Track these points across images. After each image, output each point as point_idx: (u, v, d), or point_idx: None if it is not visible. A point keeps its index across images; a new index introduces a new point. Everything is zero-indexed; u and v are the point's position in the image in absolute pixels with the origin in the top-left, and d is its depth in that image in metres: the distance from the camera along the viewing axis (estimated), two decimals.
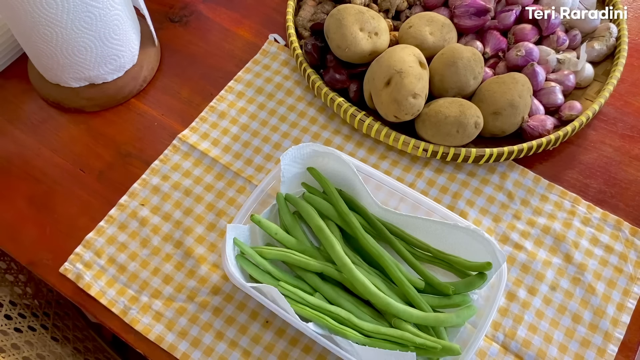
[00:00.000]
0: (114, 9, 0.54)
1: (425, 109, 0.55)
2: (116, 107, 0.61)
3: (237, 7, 0.69)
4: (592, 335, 0.48)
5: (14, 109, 0.61)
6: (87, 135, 0.59)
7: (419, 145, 0.55)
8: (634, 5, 0.70)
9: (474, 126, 0.53)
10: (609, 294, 0.50)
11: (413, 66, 0.52)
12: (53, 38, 0.52)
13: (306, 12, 0.64)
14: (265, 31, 0.67)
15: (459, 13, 0.60)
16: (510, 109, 0.54)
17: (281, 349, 0.47)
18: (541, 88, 0.59)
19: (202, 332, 0.48)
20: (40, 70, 0.59)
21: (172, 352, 0.47)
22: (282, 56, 0.64)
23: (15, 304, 0.61)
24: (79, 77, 0.57)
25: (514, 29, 0.62)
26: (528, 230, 0.53)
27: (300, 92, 0.62)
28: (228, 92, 0.62)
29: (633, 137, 0.60)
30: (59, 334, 0.65)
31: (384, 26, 0.58)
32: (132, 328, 0.48)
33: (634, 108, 0.62)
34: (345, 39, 0.55)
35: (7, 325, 0.57)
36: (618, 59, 0.60)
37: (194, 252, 0.51)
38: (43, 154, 0.57)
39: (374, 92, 0.55)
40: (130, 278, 0.50)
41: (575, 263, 0.52)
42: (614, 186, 0.57)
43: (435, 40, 0.58)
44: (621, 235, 0.53)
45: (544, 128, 0.56)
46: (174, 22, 0.68)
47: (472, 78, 0.55)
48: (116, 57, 0.57)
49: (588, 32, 0.64)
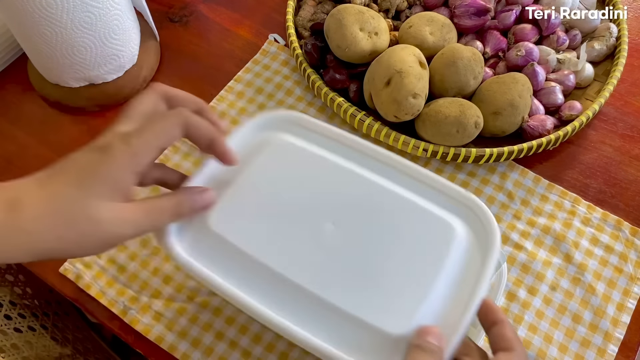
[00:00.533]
0: (114, 9, 0.54)
1: (425, 109, 0.55)
2: (116, 107, 0.61)
3: (237, 7, 0.69)
4: (592, 335, 0.48)
5: (14, 109, 0.61)
6: (87, 135, 0.59)
7: (419, 145, 0.55)
8: (634, 5, 0.70)
9: (474, 126, 0.53)
10: (609, 294, 0.50)
11: (413, 66, 0.52)
12: (53, 38, 0.52)
13: (306, 12, 0.64)
14: (265, 31, 0.67)
15: (459, 13, 0.60)
16: (510, 109, 0.54)
17: (281, 349, 0.47)
18: (541, 88, 0.59)
19: (202, 332, 0.48)
20: (40, 70, 0.59)
21: (172, 352, 0.47)
22: (282, 56, 0.64)
23: (15, 304, 0.61)
24: (79, 77, 0.57)
25: (514, 29, 0.62)
26: (528, 230, 0.53)
27: (300, 92, 0.62)
28: (228, 92, 0.62)
29: (633, 137, 0.60)
30: (59, 334, 0.65)
31: (384, 26, 0.58)
32: (132, 328, 0.48)
33: (634, 108, 0.62)
34: (345, 39, 0.55)
35: (6, 325, 0.57)
36: (618, 59, 0.60)
37: None
38: (43, 154, 0.57)
39: (374, 92, 0.55)
40: (130, 278, 0.50)
41: (575, 263, 0.52)
42: (614, 186, 0.57)
43: (435, 40, 0.58)
44: (621, 235, 0.53)
45: (544, 128, 0.56)
46: (174, 22, 0.68)
47: (472, 78, 0.55)
48: (116, 57, 0.57)
49: (588, 32, 0.64)
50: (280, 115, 0.43)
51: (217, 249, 0.37)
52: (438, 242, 0.37)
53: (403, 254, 0.37)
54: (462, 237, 0.38)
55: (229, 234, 0.37)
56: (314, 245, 0.37)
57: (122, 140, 0.32)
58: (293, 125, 0.43)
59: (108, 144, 0.32)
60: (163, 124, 0.33)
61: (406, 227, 0.38)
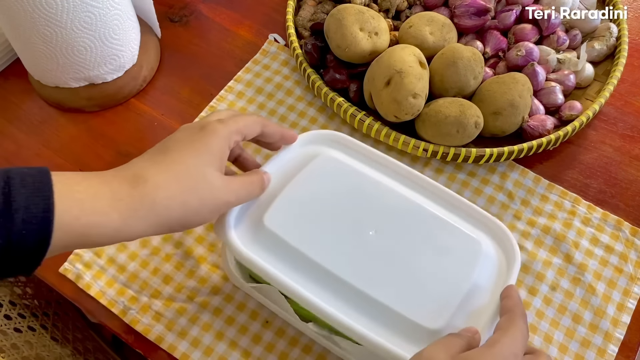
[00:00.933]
0: (114, 9, 0.54)
1: (425, 109, 0.54)
2: (116, 107, 0.61)
3: (237, 7, 0.69)
4: (592, 335, 0.48)
5: (14, 109, 0.61)
6: (87, 135, 0.59)
7: (419, 145, 0.55)
8: (634, 5, 0.70)
9: (474, 126, 0.53)
10: (609, 294, 0.50)
11: (413, 66, 0.52)
12: (53, 38, 0.52)
13: (306, 12, 0.64)
14: (265, 31, 0.67)
15: (459, 13, 0.60)
16: (510, 109, 0.54)
17: (281, 349, 0.47)
18: (541, 88, 0.59)
19: (202, 332, 0.48)
20: (36, 76, 0.58)
21: (172, 352, 0.47)
22: (282, 56, 0.64)
23: (15, 304, 0.61)
24: (79, 77, 0.57)
25: (514, 28, 0.62)
26: (528, 230, 0.53)
27: (300, 92, 0.62)
28: (228, 92, 0.62)
29: (633, 137, 0.60)
30: (58, 334, 0.65)
31: (384, 26, 0.58)
32: (132, 328, 0.48)
33: (634, 108, 0.62)
34: (345, 39, 0.55)
35: (6, 325, 0.57)
36: (618, 59, 0.60)
37: (194, 252, 0.51)
38: (43, 153, 0.57)
39: (374, 92, 0.55)
40: (130, 278, 0.50)
41: (575, 263, 0.52)
42: (614, 186, 0.57)
43: (435, 40, 0.58)
44: (621, 235, 0.53)
45: (544, 128, 0.56)
46: (174, 22, 0.68)
47: (472, 78, 0.55)
48: (116, 57, 0.57)
49: (588, 32, 0.64)
50: (325, 134, 0.47)
51: (270, 245, 0.40)
52: (467, 255, 0.42)
53: (436, 263, 0.41)
54: (488, 251, 0.42)
55: (281, 231, 0.40)
56: (357, 247, 0.40)
57: (219, 121, 0.37)
58: (336, 143, 0.47)
59: (207, 123, 0.37)
60: (249, 118, 0.39)
61: (438, 240, 0.42)
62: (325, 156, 0.45)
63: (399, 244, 0.41)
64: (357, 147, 0.47)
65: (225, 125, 0.37)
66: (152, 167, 0.34)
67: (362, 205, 0.43)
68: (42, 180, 0.30)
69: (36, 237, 0.29)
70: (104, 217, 0.31)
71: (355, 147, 0.47)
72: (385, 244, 0.41)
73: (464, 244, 0.42)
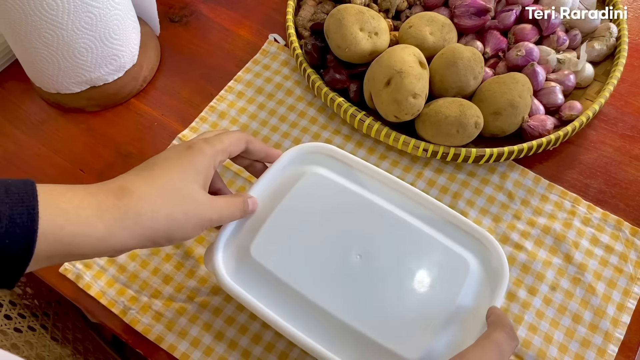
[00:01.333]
0: (114, 9, 0.54)
1: (425, 109, 0.54)
2: (116, 107, 0.61)
3: (237, 7, 0.69)
4: (592, 335, 0.48)
5: (14, 109, 0.61)
6: (87, 135, 0.59)
7: (419, 145, 0.55)
8: (634, 5, 0.70)
9: (474, 126, 0.53)
10: (609, 294, 0.50)
11: (413, 66, 0.52)
12: (54, 41, 0.52)
13: (306, 12, 0.64)
14: (265, 31, 0.67)
15: (459, 13, 0.60)
16: (510, 109, 0.54)
17: (281, 349, 0.47)
18: (541, 88, 0.59)
19: (202, 332, 0.48)
20: (38, 82, 0.58)
21: (172, 352, 0.47)
22: (282, 56, 0.64)
23: (15, 304, 0.61)
24: (81, 80, 0.57)
25: (514, 29, 0.62)
26: (528, 230, 0.53)
27: (300, 92, 0.62)
28: (228, 92, 0.62)
29: (633, 137, 0.60)
30: (58, 334, 0.65)
31: (384, 26, 0.58)
32: (132, 328, 0.48)
33: (634, 108, 0.62)
34: (345, 39, 0.55)
35: (6, 325, 0.57)
36: (618, 59, 0.60)
37: (194, 252, 0.51)
38: (43, 154, 0.57)
39: (374, 92, 0.55)
40: (130, 278, 0.50)
41: (575, 263, 0.52)
42: (614, 186, 0.57)
43: (435, 40, 0.58)
44: (621, 235, 0.53)
45: (544, 128, 0.56)
46: (174, 22, 0.68)
47: (472, 78, 0.55)
48: (116, 57, 0.57)
49: (588, 32, 0.64)
50: (310, 147, 0.47)
51: (255, 275, 0.41)
52: (454, 276, 0.42)
53: (421, 286, 0.41)
54: (475, 271, 0.43)
55: (267, 262, 0.41)
56: (341, 275, 0.41)
57: (205, 141, 0.38)
58: (322, 156, 0.48)
59: (194, 143, 0.38)
60: (233, 135, 0.40)
61: (425, 261, 0.42)
62: (310, 175, 0.46)
63: (384, 269, 0.42)
64: (343, 158, 0.47)
65: (211, 145, 0.38)
66: (138, 180, 0.35)
67: (348, 227, 0.43)
68: (26, 191, 0.30)
69: (20, 247, 0.29)
70: (89, 227, 0.31)
71: (342, 158, 0.47)
72: (370, 270, 0.41)
73: (452, 264, 0.42)
